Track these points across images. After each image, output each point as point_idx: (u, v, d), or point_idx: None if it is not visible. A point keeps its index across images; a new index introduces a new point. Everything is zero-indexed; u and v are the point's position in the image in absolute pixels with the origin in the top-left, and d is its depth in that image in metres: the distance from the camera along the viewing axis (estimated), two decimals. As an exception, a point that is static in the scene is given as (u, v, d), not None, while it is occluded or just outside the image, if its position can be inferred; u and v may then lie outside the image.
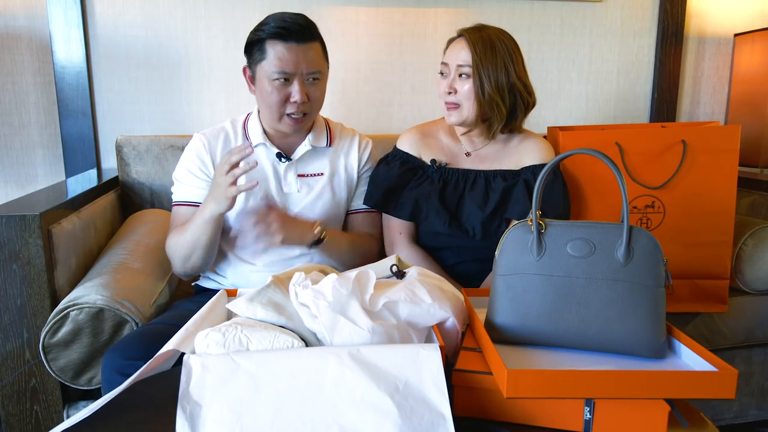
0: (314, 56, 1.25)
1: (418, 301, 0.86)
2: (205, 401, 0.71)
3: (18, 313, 1.22)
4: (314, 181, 1.37)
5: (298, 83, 1.23)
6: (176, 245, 1.27)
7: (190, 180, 1.32)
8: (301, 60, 1.23)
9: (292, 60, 1.22)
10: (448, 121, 1.37)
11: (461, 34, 1.34)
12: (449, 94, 1.32)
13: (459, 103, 1.32)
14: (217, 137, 1.34)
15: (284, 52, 1.22)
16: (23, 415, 1.28)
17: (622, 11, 2.21)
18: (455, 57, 1.32)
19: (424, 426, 0.70)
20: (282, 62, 1.22)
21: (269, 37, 1.22)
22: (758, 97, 2.11)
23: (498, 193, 1.37)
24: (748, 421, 1.77)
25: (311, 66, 1.24)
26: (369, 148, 1.45)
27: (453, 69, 1.32)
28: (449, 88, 1.32)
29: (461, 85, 1.31)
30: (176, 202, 1.34)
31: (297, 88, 1.23)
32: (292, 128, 1.30)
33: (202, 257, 1.26)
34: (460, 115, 1.34)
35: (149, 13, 1.89)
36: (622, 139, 1.48)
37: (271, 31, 1.22)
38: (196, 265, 1.28)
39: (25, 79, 1.88)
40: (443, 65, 1.35)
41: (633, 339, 0.83)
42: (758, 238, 1.64)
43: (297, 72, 1.23)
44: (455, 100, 1.32)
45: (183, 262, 1.28)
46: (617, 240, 0.84)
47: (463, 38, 1.32)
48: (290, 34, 1.21)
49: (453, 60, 1.32)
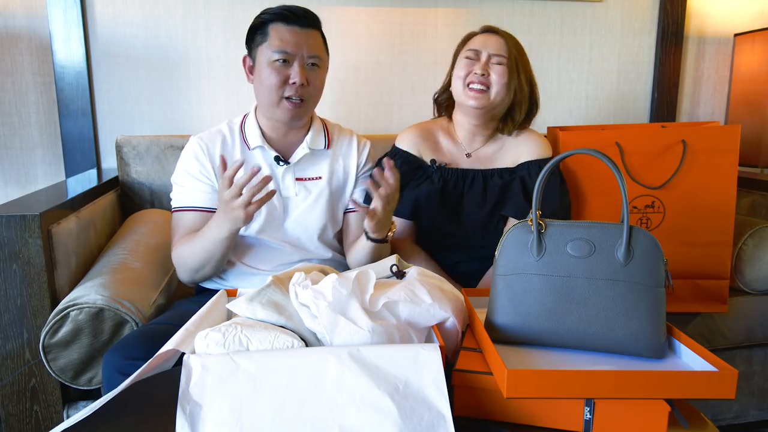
0: (315, 42, 1.26)
1: (418, 301, 0.86)
2: (205, 401, 0.71)
3: (18, 313, 1.22)
4: (312, 185, 1.36)
5: (298, 65, 1.23)
6: (186, 258, 1.25)
7: (191, 184, 1.30)
8: (302, 42, 1.23)
9: (294, 41, 1.23)
10: (471, 105, 1.35)
11: (492, 29, 1.37)
12: (482, 75, 1.33)
13: (489, 86, 1.33)
14: (214, 140, 1.32)
15: (286, 33, 1.23)
16: (23, 415, 1.28)
17: (622, 11, 2.21)
18: (491, 46, 1.34)
19: (424, 426, 0.70)
20: (283, 42, 1.22)
21: (272, 20, 1.24)
22: (758, 97, 2.11)
23: (496, 191, 1.38)
24: (748, 421, 1.77)
25: (312, 50, 1.25)
26: (367, 149, 1.44)
27: (485, 56, 1.34)
28: (483, 70, 1.33)
29: (495, 70, 1.34)
30: (178, 207, 1.31)
31: (297, 70, 1.23)
32: (289, 114, 1.27)
33: (214, 268, 1.26)
34: (486, 98, 1.34)
35: (149, 12, 1.89)
36: (622, 139, 1.48)
37: (275, 12, 1.24)
38: (206, 275, 1.28)
39: (25, 79, 1.88)
40: (471, 51, 1.35)
41: (633, 339, 0.83)
42: (758, 238, 1.64)
43: (298, 53, 1.23)
44: (486, 82, 1.33)
45: (192, 274, 1.27)
46: (617, 240, 0.84)
47: (494, 33, 1.36)
48: (294, 16, 1.23)
49: (487, 48, 1.34)
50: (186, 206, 1.30)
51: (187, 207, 1.30)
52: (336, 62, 2.00)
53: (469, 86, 1.34)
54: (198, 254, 1.22)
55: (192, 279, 1.30)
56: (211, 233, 1.19)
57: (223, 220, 1.15)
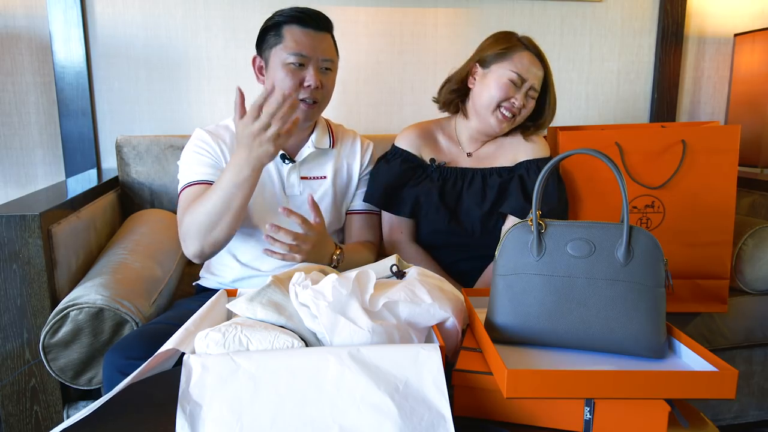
0: (329, 46, 1.27)
1: (418, 301, 0.86)
2: (205, 401, 0.71)
3: (18, 313, 1.22)
4: (317, 184, 1.36)
5: (313, 68, 1.23)
6: (197, 216, 1.14)
7: (200, 160, 1.26)
8: (317, 46, 1.23)
9: (309, 44, 1.22)
10: (496, 130, 1.38)
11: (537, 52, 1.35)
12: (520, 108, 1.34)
13: (517, 114, 1.35)
14: (222, 133, 1.32)
15: (301, 35, 1.22)
16: (23, 415, 1.28)
17: (622, 11, 2.21)
18: (534, 76, 1.34)
19: (424, 426, 0.70)
20: (299, 45, 1.22)
21: (287, 22, 1.23)
22: (758, 97, 2.11)
23: (495, 189, 1.38)
24: (748, 421, 1.77)
25: (326, 53, 1.25)
26: (370, 150, 1.45)
27: (527, 86, 1.34)
28: (522, 101, 1.34)
29: (528, 103, 1.35)
30: (187, 183, 1.25)
31: (312, 73, 1.23)
32: (303, 115, 1.26)
33: (229, 224, 1.14)
34: (511, 124, 1.38)
35: (149, 12, 1.89)
36: (622, 139, 1.49)
37: (290, 14, 1.23)
38: (219, 238, 1.16)
39: (25, 79, 1.88)
40: (517, 75, 1.32)
41: (633, 339, 0.83)
42: (758, 238, 1.64)
43: (313, 56, 1.23)
44: (517, 112, 1.35)
45: (204, 236, 1.15)
46: (617, 240, 0.84)
47: (539, 60, 1.35)
48: (309, 19, 1.23)
49: (530, 77, 1.33)
50: (195, 180, 1.25)
51: (196, 181, 1.24)
52: (336, 62, 2.02)
53: (500, 109, 1.35)
54: (213, 207, 1.12)
55: (201, 247, 1.16)
56: (230, 177, 1.09)
57: (245, 159, 1.07)
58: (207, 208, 1.13)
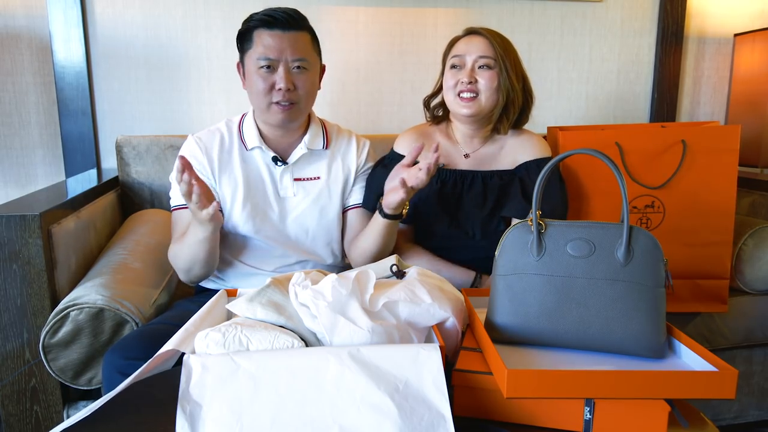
0: (301, 45, 1.25)
1: (418, 301, 0.86)
2: (205, 401, 0.71)
3: (18, 313, 1.22)
4: (311, 185, 1.36)
5: (283, 70, 1.24)
6: (177, 257, 1.26)
7: None
8: (285, 47, 1.23)
9: (276, 47, 1.23)
10: (463, 113, 1.35)
11: (474, 31, 1.36)
12: (470, 83, 1.33)
13: (478, 93, 1.33)
14: (212, 140, 1.32)
15: (269, 39, 1.23)
16: (23, 415, 1.28)
17: (622, 11, 2.21)
18: (474, 49, 1.33)
19: (424, 426, 0.70)
20: (266, 48, 1.23)
21: (256, 26, 1.24)
22: (758, 97, 2.11)
23: (495, 192, 1.37)
24: (748, 421, 1.77)
25: (296, 53, 1.24)
26: (367, 148, 1.44)
27: (470, 61, 1.33)
28: (469, 77, 1.33)
29: (482, 75, 1.33)
30: (176, 206, 1.32)
31: (282, 75, 1.23)
32: (279, 117, 1.27)
33: (203, 269, 1.25)
34: (477, 105, 1.34)
35: (149, 13, 1.90)
36: (622, 139, 1.48)
37: (259, 18, 1.24)
38: (199, 275, 1.28)
39: (25, 79, 1.88)
40: (456, 58, 1.35)
41: (633, 339, 0.83)
42: (758, 238, 1.64)
43: (281, 59, 1.23)
44: (475, 89, 1.33)
45: (185, 273, 1.27)
46: (617, 240, 0.84)
47: (478, 34, 1.35)
48: (276, 21, 1.23)
49: (471, 52, 1.33)
50: (180, 204, 1.30)
51: (181, 205, 1.30)
52: (336, 62, 2.01)
53: (459, 95, 1.34)
54: (185, 255, 1.23)
55: (187, 279, 1.29)
56: (193, 235, 1.19)
57: (199, 222, 1.15)
58: (184, 252, 1.23)
